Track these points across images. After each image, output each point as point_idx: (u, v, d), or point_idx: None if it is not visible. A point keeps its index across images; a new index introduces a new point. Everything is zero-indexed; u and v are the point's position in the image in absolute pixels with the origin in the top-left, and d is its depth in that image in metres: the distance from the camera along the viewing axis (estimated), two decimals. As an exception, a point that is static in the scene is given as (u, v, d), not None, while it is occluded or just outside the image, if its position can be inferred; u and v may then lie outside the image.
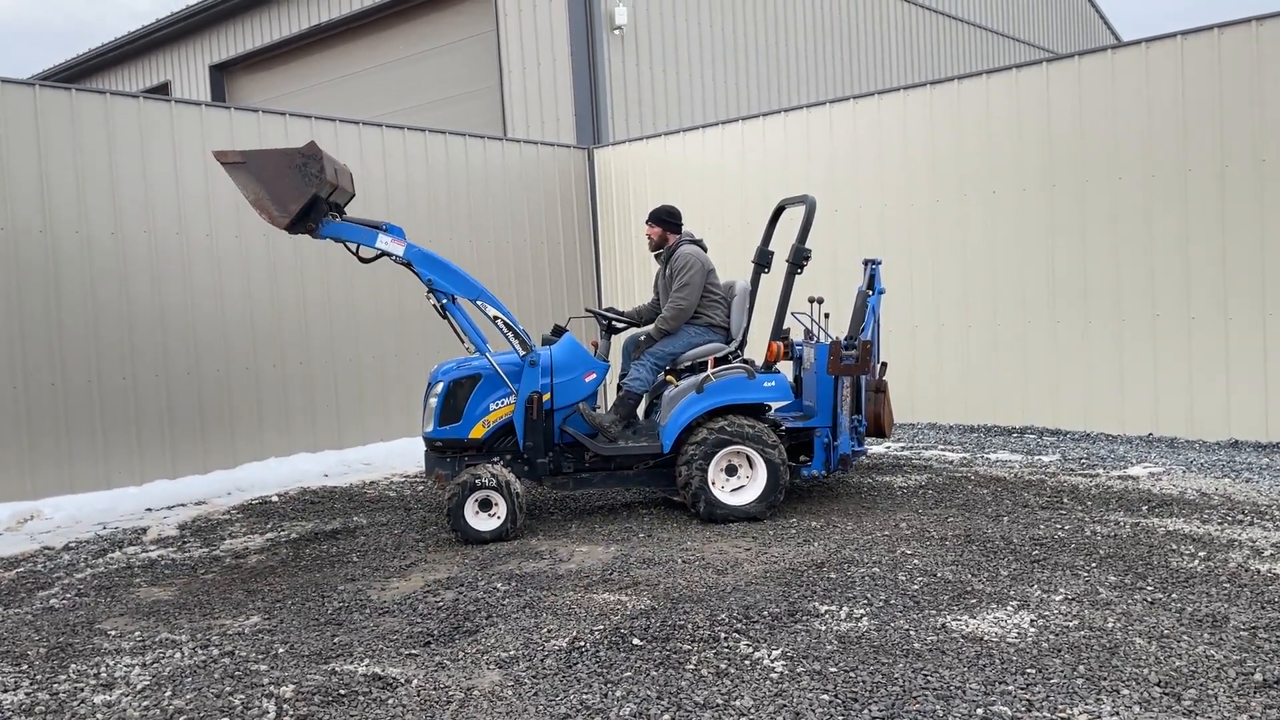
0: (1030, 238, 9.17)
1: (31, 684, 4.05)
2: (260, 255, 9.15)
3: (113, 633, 4.68)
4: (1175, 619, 4.18)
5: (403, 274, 10.13)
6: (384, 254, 6.24)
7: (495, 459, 6.43)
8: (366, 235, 6.18)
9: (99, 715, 3.69)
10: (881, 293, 6.94)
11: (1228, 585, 4.59)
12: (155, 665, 4.19)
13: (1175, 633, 4.02)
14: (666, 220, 6.93)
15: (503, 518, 6.07)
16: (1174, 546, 5.26)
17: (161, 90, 20.21)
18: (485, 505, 6.09)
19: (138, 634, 4.64)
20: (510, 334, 6.39)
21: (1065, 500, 6.45)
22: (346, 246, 6.31)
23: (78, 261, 8.02)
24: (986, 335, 9.49)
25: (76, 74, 22.07)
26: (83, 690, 3.95)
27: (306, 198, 5.77)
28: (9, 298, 7.65)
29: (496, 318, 6.39)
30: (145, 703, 3.79)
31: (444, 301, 6.35)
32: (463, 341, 6.58)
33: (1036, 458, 7.98)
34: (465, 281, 6.41)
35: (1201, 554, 5.10)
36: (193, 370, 8.65)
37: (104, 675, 4.11)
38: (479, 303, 6.41)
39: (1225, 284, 8.15)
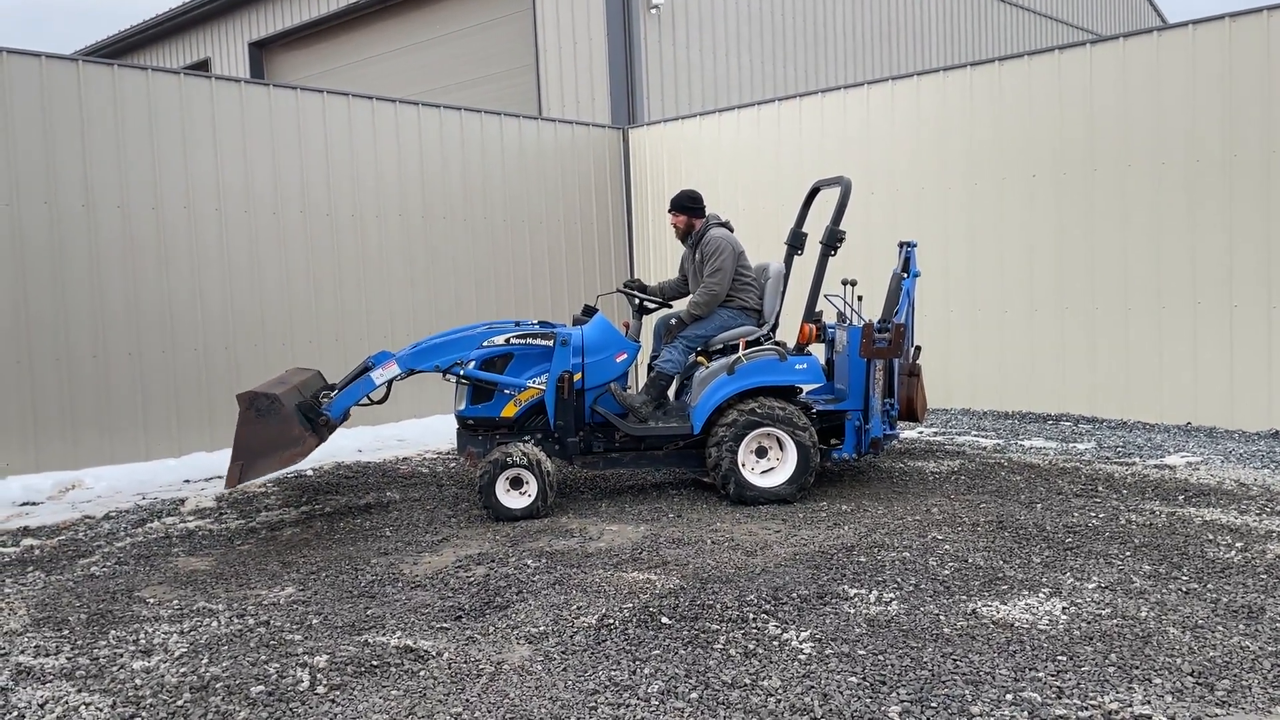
0: (1069, 222, 9.04)
1: (72, 649, 4.14)
2: (296, 233, 9.23)
3: (151, 601, 4.77)
4: (1210, 609, 4.14)
5: (436, 256, 10.23)
6: (390, 383, 6.31)
7: (526, 438, 6.46)
8: (365, 385, 6.26)
9: (138, 680, 3.77)
10: (916, 275, 6.87)
11: (1265, 576, 4.53)
12: (193, 633, 4.27)
13: (1210, 623, 3.98)
14: (690, 206, 6.87)
15: (533, 496, 6.11)
16: (1210, 536, 5.20)
17: (201, 67, 20.40)
18: (516, 483, 6.13)
19: (176, 602, 4.72)
20: (529, 340, 6.44)
21: (1100, 488, 6.38)
22: (359, 404, 6.35)
23: (119, 236, 8.14)
24: (1022, 320, 9.39)
25: (119, 50, 22.33)
26: (122, 656, 4.04)
27: (295, 418, 5.82)
28: (52, 271, 7.79)
29: (509, 339, 6.44)
30: (183, 669, 3.86)
31: (460, 373, 6.40)
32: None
33: (1071, 445, 7.90)
34: (462, 341, 6.45)
35: (1239, 544, 5.04)
36: (230, 345, 8.76)
37: (143, 642, 4.19)
38: (485, 343, 6.45)
39: (1269, 272, 7.99)
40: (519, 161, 11.05)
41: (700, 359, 6.78)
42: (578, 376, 6.43)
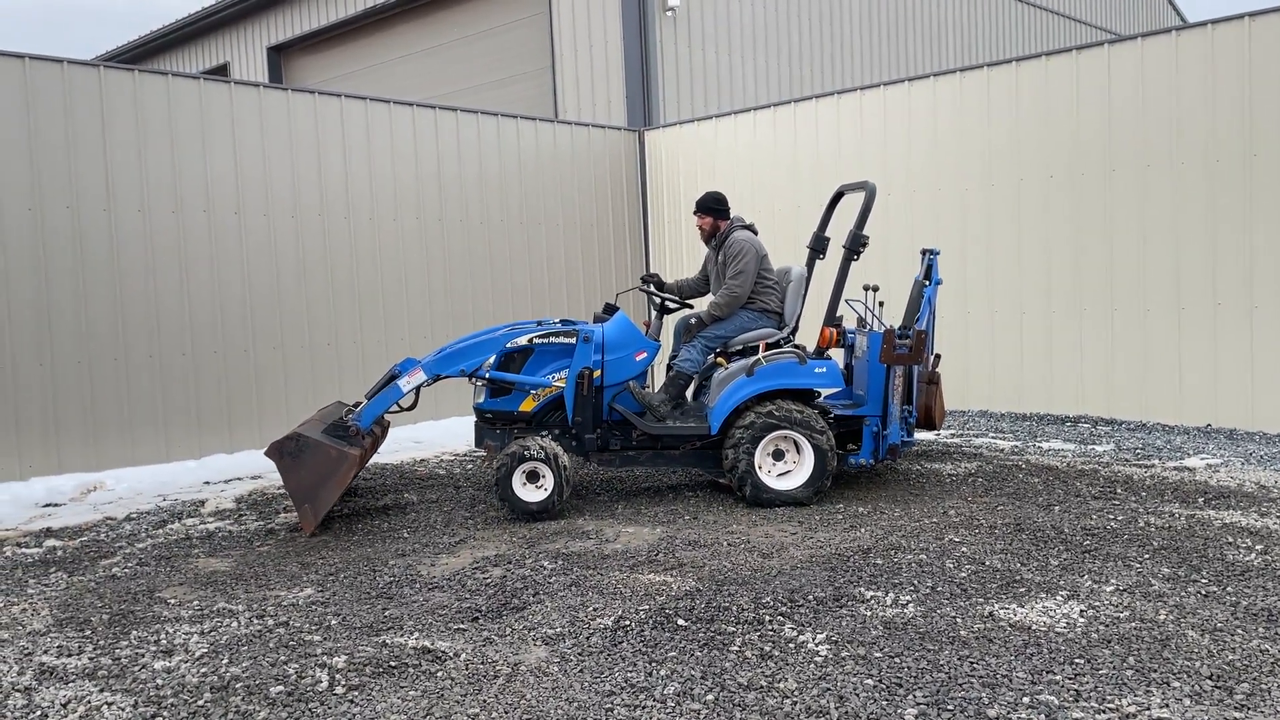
0: (1087, 223, 8.99)
1: (95, 649, 4.18)
2: (314, 237, 9.29)
3: (172, 601, 4.81)
4: (1230, 612, 4.11)
5: (452, 258, 10.27)
6: (417, 390, 6.37)
7: (544, 433, 6.48)
8: (393, 393, 6.32)
9: (159, 680, 3.81)
10: (939, 283, 6.84)
11: (1286, 580, 4.50)
12: (213, 634, 4.31)
13: (1229, 626, 3.96)
14: (715, 208, 6.90)
15: (550, 490, 6.12)
16: (1230, 539, 5.16)
17: (221, 71, 20.55)
18: (533, 477, 6.14)
19: (196, 603, 4.77)
20: (550, 339, 6.48)
21: (1119, 490, 6.35)
22: (390, 412, 6.43)
23: (139, 239, 8.21)
24: (1041, 322, 9.34)
25: (139, 55, 22.51)
26: (143, 656, 4.08)
27: (324, 442, 5.93)
28: (73, 274, 7.87)
29: (531, 340, 6.48)
30: (203, 669, 3.90)
31: (485, 376, 6.43)
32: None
33: (1090, 447, 7.86)
34: (486, 344, 6.49)
35: (1259, 547, 5.00)
36: (249, 348, 8.83)
37: (164, 642, 4.23)
38: (509, 345, 6.49)
39: (1291, 272, 7.94)
40: (535, 164, 11.09)
41: (719, 360, 6.78)
42: (597, 374, 6.45)
